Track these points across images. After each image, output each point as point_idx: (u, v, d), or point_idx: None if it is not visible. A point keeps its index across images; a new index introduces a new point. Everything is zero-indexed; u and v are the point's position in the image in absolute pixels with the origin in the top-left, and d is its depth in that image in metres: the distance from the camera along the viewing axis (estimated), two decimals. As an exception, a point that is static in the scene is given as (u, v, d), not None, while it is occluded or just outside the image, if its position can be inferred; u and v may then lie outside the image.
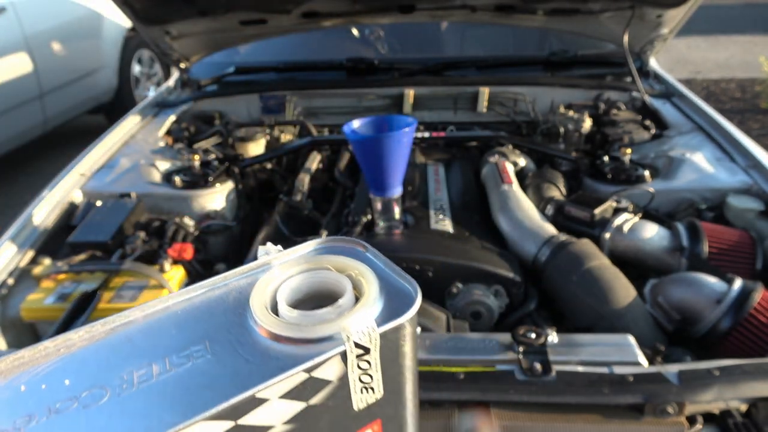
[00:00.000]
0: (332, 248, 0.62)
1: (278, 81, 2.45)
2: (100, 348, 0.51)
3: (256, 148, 2.06)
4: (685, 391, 0.87)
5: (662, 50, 2.36)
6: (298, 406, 0.48)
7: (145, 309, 0.54)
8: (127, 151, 1.97)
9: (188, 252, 1.43)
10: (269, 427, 0.47)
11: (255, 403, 0.45)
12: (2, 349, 1.24)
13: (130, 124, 2.17)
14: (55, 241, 1.56)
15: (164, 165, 1.88)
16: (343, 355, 0.49)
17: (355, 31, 2.66)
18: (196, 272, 1.57)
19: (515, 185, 1.63)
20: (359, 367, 0.51)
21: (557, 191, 1.69)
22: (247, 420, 0.45)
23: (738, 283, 1.18)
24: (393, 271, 0.58)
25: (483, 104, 2.30)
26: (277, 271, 0.57)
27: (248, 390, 0.45)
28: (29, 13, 4.10)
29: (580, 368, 0.94)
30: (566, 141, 2.05)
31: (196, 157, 1.83)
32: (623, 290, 1.24)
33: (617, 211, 1.50)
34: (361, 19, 2.30)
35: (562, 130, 2.04)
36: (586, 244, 1.34)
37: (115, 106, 4.87)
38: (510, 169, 1.73)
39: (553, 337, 1.00)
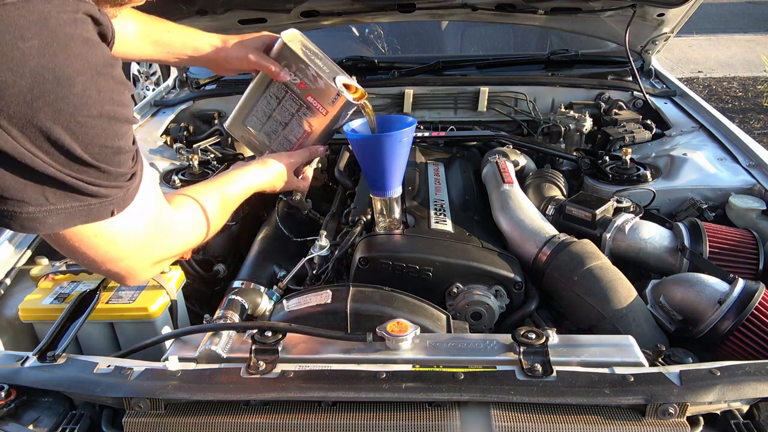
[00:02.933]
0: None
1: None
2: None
3: (255, 147, 2.05)
4: (687, 391, 0.87)
5: (664, 49, 2.36)
6: None
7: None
8: (126, 151, 1.96)
9: (187, 252, 1.42)
10: None
11: None
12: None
13: (129, 123, 2.16)
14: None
15: (163, 164, 1.87)
16: None
17: (354, 30, 2.66)
18: (195, 272, 1.56)
19: (516, 185, 1.62)
20: None
21: (558, 191, 1.69)
22: None
23: (740, 284, 1.18)
24: None
25: (483, 104, 2.29)
26: None
27: None
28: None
29: (581, 369, 0.93)
30: (567, 140, 2.05)
31: (195, 156, 1.82)
32: (624, 290, 1.23)
33: (618, 211, 1.49)
34: (361, 18, 2.29)
35: (562, 129, 2.04)
36: (586, 244, 1.33)
37: (114, 106, 4.85)
38: (510, 168, 1.73)
39: (553, 337, 0.99)
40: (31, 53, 0.56)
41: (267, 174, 1.23)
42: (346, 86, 1.27)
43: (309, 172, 1.39)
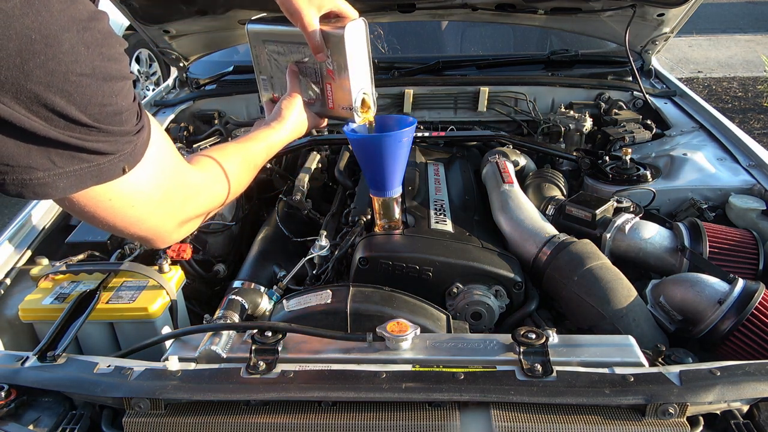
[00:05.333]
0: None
1: (278, 80, 2.44)
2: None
3: (255, 147, 2.05)
4: (687, 391, 0.87)
5: (664, 49, 2.36)
6: None
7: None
8: (126, 151, 1.96)
9: (187, 252, 1.42)
10: None
11: None
12: None
13: (129, 123, 2.17)
14: (54, 241, 1.55)
15: (163, 164, 1.87)
16: None
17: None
18: (195, 272, 1.56)
19: (516, 185, 1.62)
20: None
21: (558, 191, 1.69)
22: None
23: (740, 284, 1.18)
24: None
25: (483, 104, 2.30)
26: None
27: None
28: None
29: (581, 369, 0.93)
30: (567, 140, 2.05)
31: (196, 156, 1.81)
32: (624, 290, 1.23)
33: (618, 211, 1.49)
34: (361, 18, 2.29)
35: (562, 129, 2.04)
36: (586, 245, 1.33)
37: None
38: (510, 168, 1.73)
39: (553, 337, 0.99)
40: (14, 14, 0.54)
41: (289, 124, 1.19)
42: (364, 102, 1.25)
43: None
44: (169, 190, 0.80)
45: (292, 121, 1.20)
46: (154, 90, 2.95)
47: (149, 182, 0.75)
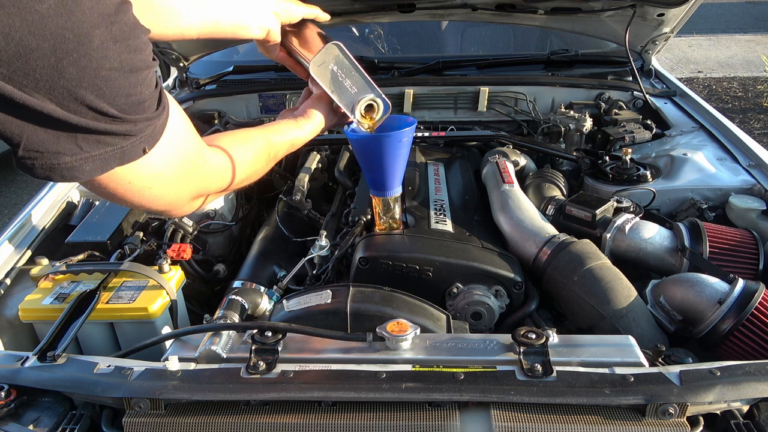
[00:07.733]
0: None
1: (277, 80, 2.44)
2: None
3: (255, 147, 2.05)
4: (687, 391, 0.87)
5: (664, 49, 2.36)
6: None
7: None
8: (126, 151, 1.96)
9: (187, 252, 1.42)
10: None
11: None
12: None
13: (129, 123, 2.16)
14: (54, 242, 1.55)
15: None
16: None
17: (354, 30, 2.66)
18: (195, 272, 1.56)
19: (516, 185, 1.62)
20: None
21: (558, 191, 1.69)
22: None
23: (740, 284, 1.18)
24: None
25: (483, 104, 2.29)
26: None
27: None
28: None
29: (581, 369, 0.93)
30: (567, 140, 2.05)
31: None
32: (624, 290, 1.23)
33: (618, 211, 1.49)
34: (361, 18, 2.29)
35: (562, 129, 2.04)
36: (587, 245, 1.33)
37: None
38: (511, 168, 1.73)
39: (553, 337, 0.99)
40: (49, 14, 0.57)
41: (312, 124, 1.22)
42: (370, 106, 1.25)
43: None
44: (185, 170, 0.84)
45: (316, 122, 1.23)
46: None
47: (167, 163, 0.79)
